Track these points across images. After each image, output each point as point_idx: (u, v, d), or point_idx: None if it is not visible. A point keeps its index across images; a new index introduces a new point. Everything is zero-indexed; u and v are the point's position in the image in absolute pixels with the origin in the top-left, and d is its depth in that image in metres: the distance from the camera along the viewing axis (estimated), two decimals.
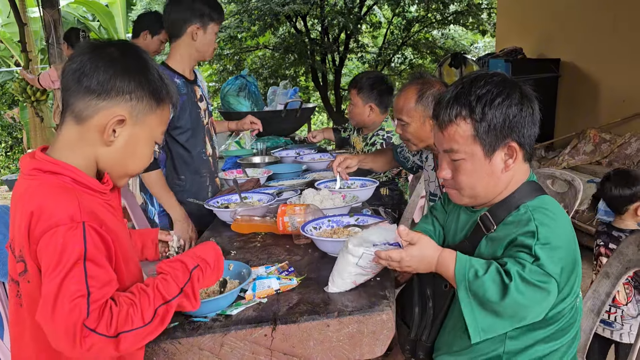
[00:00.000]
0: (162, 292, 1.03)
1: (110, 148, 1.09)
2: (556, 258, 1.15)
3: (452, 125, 1.26)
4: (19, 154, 9.83)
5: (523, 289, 1.11)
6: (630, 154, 4.19)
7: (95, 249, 0.97)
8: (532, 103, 1.27)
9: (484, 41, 12.75)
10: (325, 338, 1.24)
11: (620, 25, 4.54)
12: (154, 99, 1.11)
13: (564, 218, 1.25)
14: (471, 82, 1.26)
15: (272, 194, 2.17)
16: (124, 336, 0.94)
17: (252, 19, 8.38)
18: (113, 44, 1.10)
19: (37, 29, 7.57)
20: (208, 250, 1.18)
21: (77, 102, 1.05)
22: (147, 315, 0.99)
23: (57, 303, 0.91)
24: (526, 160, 1.30)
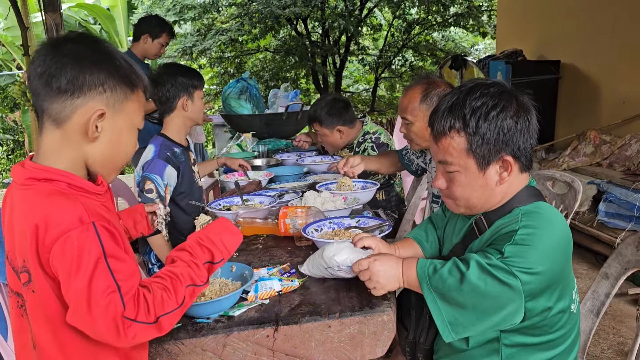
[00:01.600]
0: (193, 277, 1.07)
1: (95, 144, 1.08)
2: (530, 259, 1.13)
3: (445, 138, 1.25)
4: (20, 157, 9.85)
5: (481, 276, 1.12)
6: (631, 155, 4.19)
7: (111, 244, 0.99)
8: (528, 114, 1.25)
9: (484, 43, 12.76)
10: (326, 339, 1.25)
11: (620, 27, 4.55)
12: (127, 85, 1.09)
13: (558, 225, 1.22)
14: (467, 92, 1.24)
15: (273, 196, 2.18)
16: (163, 319, 0.99)
17: (253, 22, 8.40)
18: (70, 38, 1.07)
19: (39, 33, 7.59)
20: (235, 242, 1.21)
21: (52, 105, 1.04)
22: (180, 297, 1.03)
23: (91, 303, 0.93)
24: (523, 171, 1.28)
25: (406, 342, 1.45)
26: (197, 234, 1.17)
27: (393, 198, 2.93)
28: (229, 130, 4.38)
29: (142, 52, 3.75)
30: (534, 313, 1.19)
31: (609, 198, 3.69)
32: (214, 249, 1.14)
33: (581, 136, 4.65)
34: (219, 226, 1.21)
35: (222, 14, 9.73)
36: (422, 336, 1.40)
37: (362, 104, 11.37)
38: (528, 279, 1.12)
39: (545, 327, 1.24)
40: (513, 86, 1.30)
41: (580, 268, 3.72)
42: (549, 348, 1.27)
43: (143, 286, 1.01)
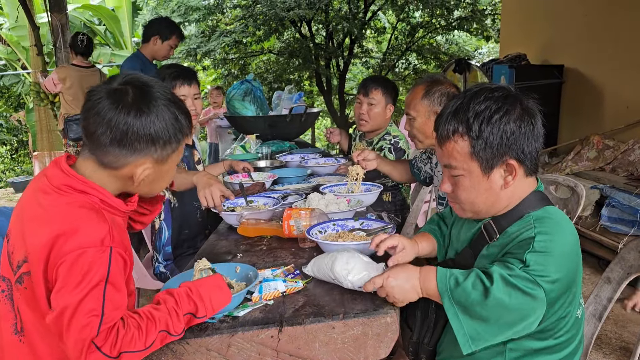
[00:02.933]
0: (169, 325, 1.10)
1: (137, 186, 1.20)
2: (550, 267, 1.13)
3: (450, 142, 1.26)
4: (24, 156, 9.88)
5: (505, 290, 1.11)
6: (634, 160, 4.19)
7: (117, 273, 1.05)
8: (533, 118, 1.25)
9: (488, 47, 12.76)
10: (330, 340, 1.26)
11: (624, 32, 4.55)
12: (175, 142, 1.19)
13: (569, 229, 1.23)
14: (471, 97, 1.24)
15: (277, 198, 2.19)
16: (125, 356, 1.02)
17: (257, 24, 8.42)
18: (129, 88, 1.12)
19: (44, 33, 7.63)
20: (223, 302, 1.22)
21: (106, 154, 1.12)
22: (149, 340, 1.06)
23: (74, 317, 0.99)
24: (529, 175, 1.28)
25: (410, 342, 1.45)
26: (188, 285, 1.20)
27: (399, 202, 2.94)
28: (233, 132, 4.40)
29: (151, 53, 3.77)
30: (548, 319, 1.20)
31: (612, 203, 3.69)
32: (200, 304, 1.17)
33: (584, 141, 4.65)
34: (212, 283, 1.23)
35: (227, 15, 9.75)
36: (426, 337, 1.40)
37: None
38: (550, 287, 1.12)
39: (551, 331, 1.24)
40: (518, 90, 1.30)
41: (583, 272, 3.71)
42: (552, 352, 1.27)
43: (121, 319, 1.05)
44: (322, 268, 1.44)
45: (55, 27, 5.74)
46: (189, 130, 1.24)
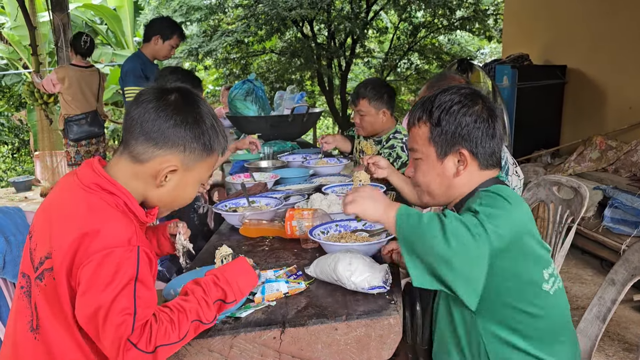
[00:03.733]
0: (200, 314, 1.11)
1: (160, 190, 1.19)
2: (495, 218, 1.18)
3: (415, 127, 1.40)
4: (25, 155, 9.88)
5: (455, 224, 1.17)
6: (637, 161, 4.18)
7: (145, 271, 1.06)
8: (492, 118, 1.35)
9: (490, 47, 12.74)
10: (333, 341, 1.25)
11: (626, 32, 4.54)
12: (206, 150, 1.20)
13: (517, 202, 1.27)
14: (440, 91, 1.38)
15: (279, 198, 2.18)
16: (161, 349, 1.03)
17: (259, 24, 8.40)
18: (175, 90, 1.18)
19: (46, 32, 7.63)
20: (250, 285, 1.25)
21: (137, 145, 1.15)
22: (183, 332, 1.07)
23: (108, 316, 1.00)
24: (485, 169, 1.37)
25: (406, 348, 1.46)
26: (214, 272, 1.20)
27: (403, 202, 2.92)
28: (235, 132, 4.40)
29: (152, 53, 3.76)
30: (503, 275, 1.20)
31: (615, 204, 3.68)
32: (228, 290, 1.18)
33: (587, 141, 4.64)
34: (237, 267, 1.24)
35: (228, 15, 9.74)
36: (417, 337, 1.41)
37: None
38: (491, 228, 1.17)
39: (520, 302, 1.24)
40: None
41: (585, 274, 3.71)
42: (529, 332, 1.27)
43: (153, 314, 1.06)
44: (324, 269, 1.43)
45: (57, 26, 5.74)
46: (222, 146, 1.24)
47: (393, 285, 1.41)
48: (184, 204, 1.28)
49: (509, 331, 1.26)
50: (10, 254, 1.80)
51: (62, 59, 5.73)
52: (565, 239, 2.15)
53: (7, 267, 1.80)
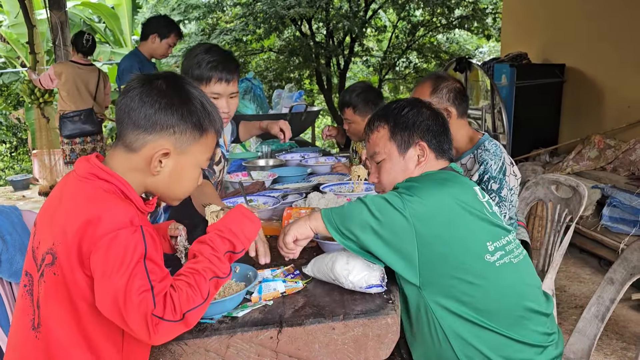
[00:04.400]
0: (215, 271, 1.12)
1: (157, 177, 1.17)
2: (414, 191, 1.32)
3: (374, 133, 1.56)
4: (23, 154, 9.85)
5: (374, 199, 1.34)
6: (635, 160, 4.18)
7: (153, 249, 1.06)
8: (440, 117, 1.56)
9: (489, 46, 12.73)
10: (330, 341, 1.25)
11: (625, 31, 4.53)
12: (197, 129, 1.17)
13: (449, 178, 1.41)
14: (391, 103, 1.59)
15: (277, 197, 2.18)
16: (189, 315, 1.04)
17: (257, 22, 8.38)
18: (160, 76, 1.17)
19: (44, 30, 7.61)
20: (254, 230, 1.25)
21: (128, 134, 1.14)
22: (205, 292, 1.08)
23: (127, 298, 1.00)
24: (440, 158, 1.53)
25: None
26: (217, 226, 1.20)
27: None
28: None
29: (149, 51, 3.75)
30: (433, 242, 1.28)
31: (613, 203, 3.68)
32: (235, 240, 1.19)
33: (585, 140, 4.64)
34: (237, 215, 1.24)
35: (227, 13, 9.72)
36: None
37: None
38: (410, 197, 1.30)
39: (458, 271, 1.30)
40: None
41: (584, 273, 3.71)
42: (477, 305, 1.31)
43: (170, 285, 1.07)
44: (322, 268, 1.43)
45: (54, 25, 5.72)
46: (216, 125, 1.22)
47: (390, 284, 1.40)
48: (188, 190, 1.25)
49: (456, 303, 1.31)
50: (6, 252, 1.79)
51: (60, 57, 5.71)
52: (563, 238, 2.15)
53: (3, 266, 1.79)
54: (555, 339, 1.42)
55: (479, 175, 1.96)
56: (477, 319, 1.31)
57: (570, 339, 1.70)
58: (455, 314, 1.32)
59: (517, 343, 1.33)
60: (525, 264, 1.43)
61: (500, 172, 1.94)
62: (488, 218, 1.37)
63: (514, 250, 1.40)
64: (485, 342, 1.31)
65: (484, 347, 1.31)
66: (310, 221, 1.41)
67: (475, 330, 1.32)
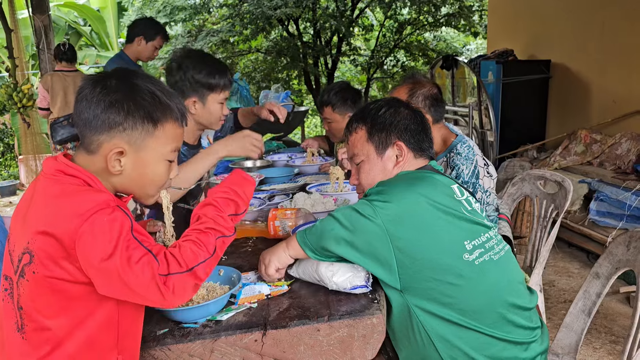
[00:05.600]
0: (221, 230, 1.14)
1: (121, 176, 1.14)
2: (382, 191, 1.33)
3: (352, 135, 1.55)
4: (10, 160, 9.73)
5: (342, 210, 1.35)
6: (621, 154, 4.21)
7: (135, 224, 1.06)
8: (418, 116, 1.54)
9: (476, 43, 12.79)
10: (315, 342, 1.23)
11: (609, 27, 4.57)
12: (149, 122, 1.12)
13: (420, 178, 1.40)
14: (370, 104, 1.57)
15: (263, 198, 2.16)
16: (197, 268, 1.05)
17: (244, 23, 8.36)
18: (109, 74, 1.14)
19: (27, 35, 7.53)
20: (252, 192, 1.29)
21: (85, 136, 1.12)
22: (211, 248, 1.09)
23: (130, 271, 0.99)
24: (419, 157, 1.52)
25: None
26: (220, 188, 1.22)
27: None
28: None
29: (135, 54, 3.72)
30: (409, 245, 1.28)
31: (600, 197, 3.71)
32: (239, 201, 1.21)
33: (572, 135, 4.66)
34: (238, 177, 1.28)
35: (213, 15, 9.69)
36: None
37: None
38: (380, 203, 1.30)
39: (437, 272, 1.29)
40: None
41: (572, 267, 3.73)
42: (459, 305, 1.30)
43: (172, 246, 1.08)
44: (307, 269, 1.42)
45: (38, 28, 5.66)
46: (172, 114, 1.16)
47: (375, 284, 1.39)
48: (159, 185, 1.20)
49: (438, 305, 1.30)
50: None
51: (44, 61, 5.65)
52: (550, 233, 2.15)
53: None
54: (538, 333, 1.41)
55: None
56: (459, 320, 1.30)
57: (558, 334, 1.70)
58: (438, 316, 1.31)
59: (500, 341, 1.32)
60: (507, 260, 1.41)
61: (472, 176, 1.93)
62: (465, 216, 1.35)
63: (494, 247, 1.38)
64: (469, 342, 1.30)
65: (468, 348, 1.30)
66: (288, 249, 1.42)
67: (459, 331, 1.31)
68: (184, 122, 1.20)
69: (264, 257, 1.46)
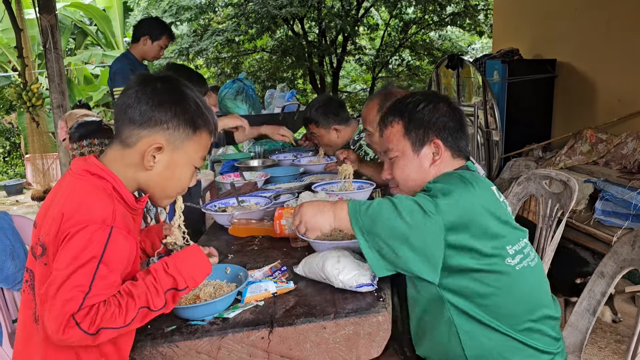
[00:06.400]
0: (149, 301, 1.10)
1: (150, 172, 1.20)
2: (444, 188, 1.27)
3: (387, 128, 1.49)
4: (16, 159, 9.80)
5: (405, 201, 1.26)
6: (627, 153, 4.20)
7: (113, 253, 1.07)
8: (457, 112, 1.47)
9: (481, 42, 12.76)
10: (321, 340, 1.25)
11: (614, 26, 4.55)
12: (190, 127, 1.21)
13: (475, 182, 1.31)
14: (407, 96, 1.50)
15: (269, 197, 2.18)
16: (104, 332, 1.04)
17: (249, 22, 8.38)
18: (157, 77, 1.22)
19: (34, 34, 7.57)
20: (203, 272, 1.22)
21: (124, 130, 1.19)
22: (130, 317, 1.07)
23: (60, 289, 1.01)
24: (457, 157, 1.46)
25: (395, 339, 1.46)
26: (165, 260, 1.18)
27: None
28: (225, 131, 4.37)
29: (141, 53, 3.74)
30: (460, 248, 1.24)
31: (606, 196, 3.69)
32: (178, 278, 1.15)
33: (577, 135, 4.65)
34: (188, 255, 1.21)
35: (219, 14, 9.71)
36: (399, 325, 1.41)
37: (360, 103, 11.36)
38: (443, 203, 1.24)
39: (479, 274, 1.27)
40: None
41: None
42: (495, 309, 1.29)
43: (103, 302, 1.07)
44: (313, 268, 1.43)
45: (44, 28, 5.68)
46: (210, 125, 1.24)
47: (381, 282, 1.40)
48: (180, 189, 1.27)
49: (472, 304, 1.29)
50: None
51: (51, 61, 5.67)
52: (555, 232, 2.15)
53: None
54: (562, 346, 1.41)
55: None
56: (492, 322, 1.29)
57: (563, 333, 1.70)
58: (470, 315, 1.29)
59: (529, 348, 1.31)
60: (540, 267, 1.40)
61: None
62: (508, 220, 1.34)
63: (529, 253, 1.37)
64: (497, 344, 1.29)
65: (495, 350, 1.29)
66: (334, 220, 1.33)
67: (489, 332, 1.29)
68: (214, 135, 1.28)
69: (304, 213, 1.37)
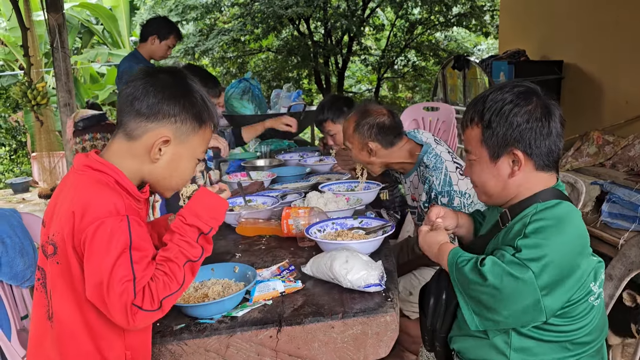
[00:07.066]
0: (188, 255, 1.15)
1: (155, 165, 1.21)
2: (540, 250, 1.16)
3: (468, 129, 1.36)
4: (23, 157, 9.85)
5: (496, 273, 1.16)
6: (634, 155, 4.18)
7: (138, 237, 1.10)
8: (547, 116, 1.29)
9: (487, 43, 12.72)
10: (329, 339, 1.25)
11: (622, 27, 4.53)
12: (197, 121, 1.22)
13: (570, 219, 1.23)
14: (494, 89, 1.33)
15: (276, 196, 2.18)
16: (166, 301, 1.10)
17: (255, 22, 8.39)
18: (163, 70, 1.23)
19: (42, 33, 7.60)
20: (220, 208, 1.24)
21: (129, 122, 1.18)
22: (180, 277, 1.13)
23: (110, 287, 1.04)
24: (541, 170, 1.31)
25: (425, 330, 1.44)
26: (180, 213, 1.21)
27: (397, 199, 2.92)
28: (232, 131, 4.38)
29: (148, 52, 3.76)
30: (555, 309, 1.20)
31: (612, 198, 3.67)
32: (200, 224, 1.18)
33: (584, 136, 4.63)
34: (200, 198, 1.23)
35: (225, 14, 9.73)
36: (437, 323, 1.39)
37: None
38: (539, 269, 1.15)
39: (564, 316, 1.24)
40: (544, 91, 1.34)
41: None
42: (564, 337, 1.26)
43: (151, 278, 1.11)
44: (321, 267, 1.43)
45: (52, 27, 5.70)
46: (214, 120, 1.26)
47: (389, 283, 1.40)
48: (182, 181, 1.28)
49: (543, 331, 1.25)
50: (6, 255, 1.80)
51: (58, 60, 5.70)
52: None
53: (3, 269, 1.79)
54: None
55: (426, 193, 1.96)
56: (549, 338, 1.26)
57: None
58: (533, 338, 1.26)
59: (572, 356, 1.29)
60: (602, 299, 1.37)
61: (445, 184, 1.92)
62: (592, 255, 1.29)
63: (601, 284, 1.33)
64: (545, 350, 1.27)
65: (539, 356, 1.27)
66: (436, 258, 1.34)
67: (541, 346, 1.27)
68: (215, 129, 1.31)
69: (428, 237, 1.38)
